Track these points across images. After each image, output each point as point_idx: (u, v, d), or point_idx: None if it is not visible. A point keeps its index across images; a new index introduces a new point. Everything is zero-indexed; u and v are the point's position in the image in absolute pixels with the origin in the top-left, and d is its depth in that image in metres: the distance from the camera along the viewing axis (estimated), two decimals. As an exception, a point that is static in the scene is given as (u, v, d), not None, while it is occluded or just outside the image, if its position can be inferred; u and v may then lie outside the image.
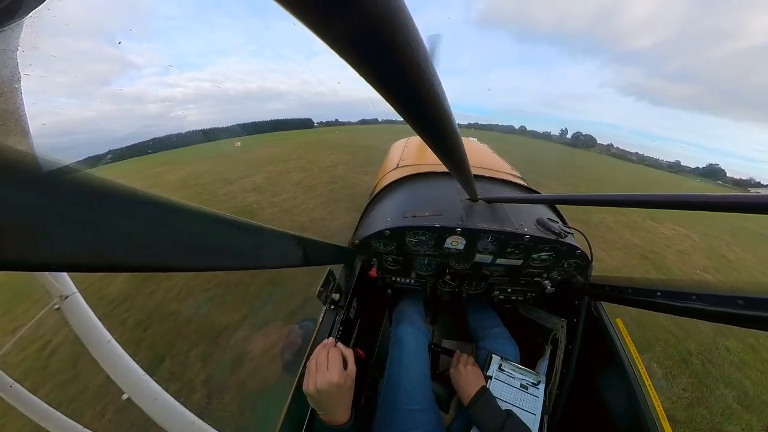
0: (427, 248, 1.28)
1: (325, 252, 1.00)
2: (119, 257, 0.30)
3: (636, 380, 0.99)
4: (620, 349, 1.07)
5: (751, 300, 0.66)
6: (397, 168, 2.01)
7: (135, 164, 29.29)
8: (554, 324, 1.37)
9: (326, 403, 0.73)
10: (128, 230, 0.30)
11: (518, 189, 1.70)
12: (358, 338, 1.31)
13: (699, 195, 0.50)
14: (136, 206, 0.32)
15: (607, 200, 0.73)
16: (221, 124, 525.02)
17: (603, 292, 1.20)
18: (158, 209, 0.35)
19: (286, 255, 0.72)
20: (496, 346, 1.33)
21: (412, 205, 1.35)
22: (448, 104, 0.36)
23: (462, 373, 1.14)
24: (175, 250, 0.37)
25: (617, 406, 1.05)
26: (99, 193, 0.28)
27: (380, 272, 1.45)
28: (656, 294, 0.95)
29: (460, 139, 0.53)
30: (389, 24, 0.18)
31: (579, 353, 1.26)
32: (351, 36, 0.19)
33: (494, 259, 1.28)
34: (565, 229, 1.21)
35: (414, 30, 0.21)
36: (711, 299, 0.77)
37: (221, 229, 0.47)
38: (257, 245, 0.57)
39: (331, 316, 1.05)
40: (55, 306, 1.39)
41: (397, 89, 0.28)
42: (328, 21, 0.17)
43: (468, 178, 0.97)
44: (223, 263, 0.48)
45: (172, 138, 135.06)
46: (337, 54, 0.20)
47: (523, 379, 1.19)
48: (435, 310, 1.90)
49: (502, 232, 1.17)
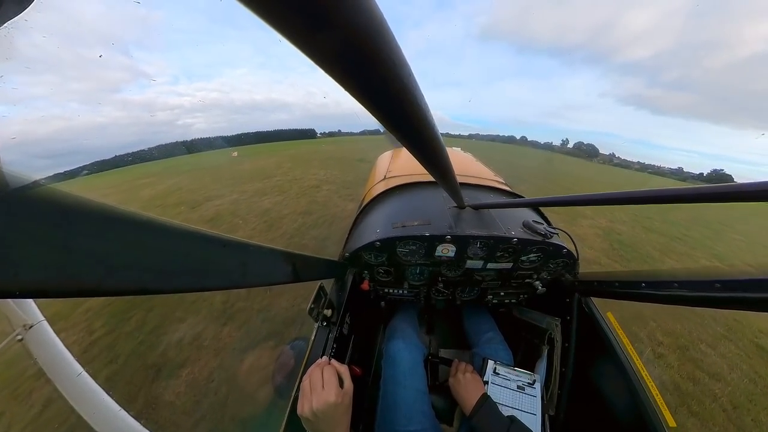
0: (418, 257, 1.27)
1: (315, 267, 0.98)
2: (92, 281, 0.28)
3: (633, 372, 1.01)
4: (614, 342, 1.10)
5: (727, 282, 0.71)
6: (384, 179, 2.02)
7: (109, 178, 28.08)
8: (549, 324, 1.39)
9: (324, 425, 0.68)
10: (102, 251, 0.28)
11: (503, 194, 1.74)
12: (353, 355, 1.27)
13: (665, 189, 0.55)
14: (111, 225, 0.30)
15: (587, 200, 0.75)
16: (226, 132, 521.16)
17: (592, 288, 1.24)
18: (136, 228, 0.33)
19: (274, 272, 0.70)
20: (489, 351, 1.33)
21: (401, 215, 1.35)
22: (431, 116, 0.37)
23: (461, 382, 1.11)
24: (155, 272, 0.35)
25: (617, 399, 1.06)
26: (71, 211, 0.26)
27: (372, 285, 1.43)
28: (641, 285, 0.99)
29: (444, 149, 0.55)
30: (372, 41, 0.19)
31: (575, 350, 1.28)
32: (336, 52, 0.19)
33: (485, 264, 1.29)
34: (551, 230, 1.24)
35: (396, 47, 0.22)
36: (691, 285, 0.82)
37: (205, 247, 0.45)
38: (243, 263, 0.55)
39: (323, 334, 1.02)
40: (18, 337, 1.27)
41: (382, 103, 0.29)
42: (314, 39, 0.17)
43: (454, 187, 0.99)
44: (207, 283, 0.46)
45: (176, 146, 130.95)
46: (323, 70, 0.21)
47: (519, 380, 1.19)
48: (430, 320, 1.88)
49: (491, 237, 1.18)
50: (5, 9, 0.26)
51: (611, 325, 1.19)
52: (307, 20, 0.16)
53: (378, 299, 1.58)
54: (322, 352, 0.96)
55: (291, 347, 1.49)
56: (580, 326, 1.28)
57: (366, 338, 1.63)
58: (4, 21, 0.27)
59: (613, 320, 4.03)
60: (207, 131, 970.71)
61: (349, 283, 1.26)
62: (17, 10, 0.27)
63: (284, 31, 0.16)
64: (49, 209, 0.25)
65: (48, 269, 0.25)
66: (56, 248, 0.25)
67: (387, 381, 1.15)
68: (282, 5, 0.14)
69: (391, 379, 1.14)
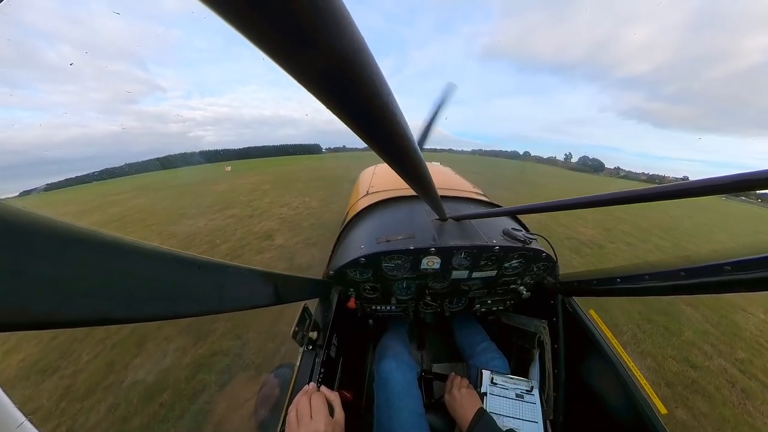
0: (404, 271, 1.27)
1: (297, 287, 0.94)
2: (42, 310, 0.24)
3: (620, 364, 1.04)
4: (599, 338, 1.13)
5: (690, 270, 0.78)
6: (367, 195, 2.03)
7: (70, 194, 25.82)
8: (537, 327, 1.40)
9: None
10: (57, 276, 0.25)
11: (482, 205, 1.80)
12: (342, 379, 1.21)
13: (631, 191, 0.60)
14: (68, 245, 0.26)
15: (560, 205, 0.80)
16: (234, 146, 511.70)
17: (572, 288, 1.29)
18: (99, 249, 0.30)
19: (254, 294, 0.66)
20: (485, 361, 1.32)
21: (385, 230, 1.35)
22: (411, 133, 0.38)
23: (456, 398, 1.08)
24: (119, 298, 0.32)
25: (610, 394, 1.08)
26: (21, 230, 0.23)
27: (359, 302, 1.39)
28: (616, 281, 1.04)
29: (424, 163, 0.56)
30: (353, 63, 0.20)
31: (565, 351, 1.30)
32: (318, 73, 0.20)
33: (470, 274, 1.30)
34: (529, 236, 1.29)
35: (376, 68, 0.23)
36: (660, 276, 0.88)
37: (177, 269, 0.41)
38: (220, 285, 0.52)
39: (310, 358, 0.97)
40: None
41: (364, 122, 0.30)
42: (297, 59, 0.18)
43: (436, 200, 1.01)
44: (179, 310, 0.42)
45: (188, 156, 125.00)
46: (305, 89, 0.21)
47: (517, 388, 1.18)
48: (421, 335, 1.85)
49: (474, 247, 1.21)
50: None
51: (594, 321, 1.24)
52: (291, 42, 0.16)
53: (366, 317, 1.54)
54: (309, 378, 0.90)
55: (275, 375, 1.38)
56: (566, 326, 1.31)
57: (356, 360, 1.56)
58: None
59: (596, 317, 4.20)
60: (217, 143, 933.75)
61: (334, 302, 1.22)
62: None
63: (269, 51, 0.17)
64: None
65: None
66: (2, 272, 0.22)
67: (381, 405, 1.10)
68: (268, 27, 0.15)
69: (385, 403, 1.09)
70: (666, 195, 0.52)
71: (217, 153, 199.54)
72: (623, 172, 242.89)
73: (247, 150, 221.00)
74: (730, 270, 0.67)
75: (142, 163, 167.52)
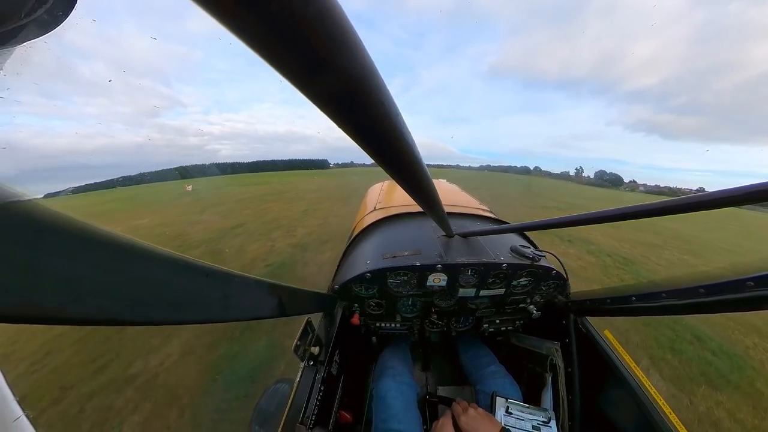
0: (410, 288, 1.24)
1: (302, 300, 0.93)
2: (52, 306, 0.25)
3: (640, 389, 0.97)
4: (616, 361, 1.07)
5: (710, 287, 0.74)
6: (374, 210, 2.04)
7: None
8: (548, 349, 1.34)
9: None
10: (71, 275, 0.26)
11: (489, 222, 1.78)
12: (342, 398, 1.17)
13: (638, 205, 0.57)
14: (85, 246, 0.27)
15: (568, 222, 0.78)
16: (246, 159, 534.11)
17: (585, 307, 1.24)
18: (112, 251, 0.30)
19: (258, 305, 0.66)
20: (496, 386, 1.23)
21: (391, 246, 1.34)
22: (418, 151, 0.40)
23: (476, 419, 0.97)
24: (126, 301, 0.32)
25: (630, 423, 1.00)
26: (45, 229, 0.24)
27: (363, 319, 1.36)
28: (632, 299, 1.00)
29: (431, 180, 0.57)
30: (363, 85, 0.21)
31: (579, 375, 1.22)
32: (331, 95, 0.21)
33: (477, 292, 1.27)
34: (538, 253, 1.25)
35: (385, 90, 0.25)
36: (678, 294, 0.83)
37: (186, 276, 0.42)
38: (225, 295, 0.52)
39: (310, 374, 0.94)
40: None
41: (373, 140, 0.31)
42: (312, 82, 0.19)
43: (442, 216, 1.01)
44: (184, 317, 0.42)
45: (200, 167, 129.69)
46: (319, 109, 0.23)
47: (534, 420, 1.09)
48: (426, 355, 1.78)
49: (481, 264, 1.18)
50: (27, 32, 0.26)
51: (610, 343, 1.17)
52: (306, 66, 0.17)
53: (369, 334, 1.50)
54: (308, 394, 0.87)
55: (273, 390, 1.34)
56: (579, 348, 1.25)
57: (357, 378, 1.51)
58: (24, 41, 0.27)
59: (612, 338, 3.92)
60: (231, 157, 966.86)
61: (338, 317, 1.20)
62: (38, 33, 0.28)
63: (287, 74, 0.18)
64: (13, 222, 0.23)
65: (7, 292, 0.22)
66: (19, 268, 0.23)
67: (377, 426, 1.05)
68: (286, 52, 0.16)
69: (381, 425, 1.04)
70: (678, 209, 0.50)
71: (233, 165, 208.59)
72: (642, 187, 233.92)
73: (255, 164, 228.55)
74: (753, 286, 0.63)
75: (161, 172, 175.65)
